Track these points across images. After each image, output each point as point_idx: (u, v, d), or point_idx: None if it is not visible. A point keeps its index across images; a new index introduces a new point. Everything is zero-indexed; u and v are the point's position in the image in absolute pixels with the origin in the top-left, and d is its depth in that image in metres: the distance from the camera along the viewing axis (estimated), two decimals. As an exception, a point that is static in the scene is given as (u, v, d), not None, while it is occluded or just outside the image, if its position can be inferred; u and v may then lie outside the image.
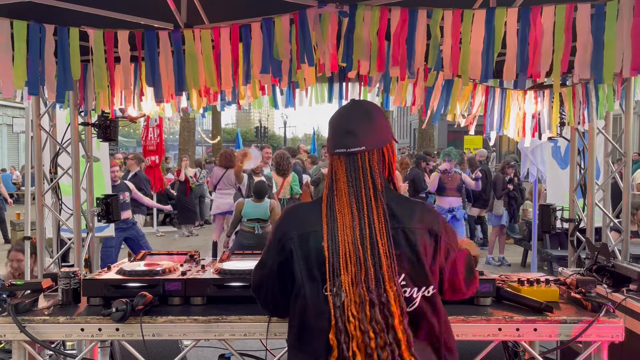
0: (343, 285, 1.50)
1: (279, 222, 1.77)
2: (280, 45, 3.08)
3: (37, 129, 3.94)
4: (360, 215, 1.57)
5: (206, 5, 3.41)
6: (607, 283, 3.11)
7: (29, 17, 3.11)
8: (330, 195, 1.66)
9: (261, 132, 42.27)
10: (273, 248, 1.74)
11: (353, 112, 1.73)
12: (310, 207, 1.74)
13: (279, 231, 1.74)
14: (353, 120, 1.70)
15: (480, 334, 2.45)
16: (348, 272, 1.51)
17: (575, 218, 4.35)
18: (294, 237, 1.66)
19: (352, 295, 1.49)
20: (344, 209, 1.60)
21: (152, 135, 10.69)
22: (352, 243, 1.54)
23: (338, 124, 1.73)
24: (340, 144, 1.69)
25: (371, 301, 1.47)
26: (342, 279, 1.51)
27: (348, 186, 1.63)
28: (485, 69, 2.92)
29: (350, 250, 1.53)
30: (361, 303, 1.48)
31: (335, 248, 1.55)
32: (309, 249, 1.62)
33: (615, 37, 2.74)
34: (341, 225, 1.57)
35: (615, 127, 4.61)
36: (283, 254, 1.69)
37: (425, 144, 16.98)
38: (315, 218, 1.64)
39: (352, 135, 1.67)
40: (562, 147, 6.02)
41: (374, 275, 1.50)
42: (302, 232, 1.66)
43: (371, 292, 1.49)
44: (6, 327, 2.44)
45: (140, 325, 2.40)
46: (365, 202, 1.59)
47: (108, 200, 4.32)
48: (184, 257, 3.15)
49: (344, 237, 1.56)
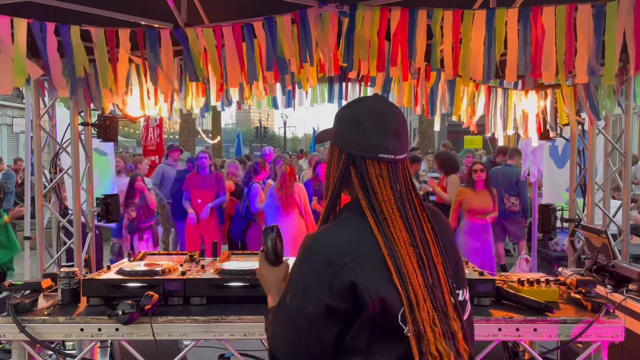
0: (420, 322, 1.24)
1: (309, 255, 1.31)
2: (284, 44, 3.09)
3: (37, 129, 3.95)
4: (413, 234, 1.32)
5: (206, 5, 3.41)
6: (610, 283, 3.11)
7: (29, 17, 3.12)
8: (379, 215, 1.31)
9: (261, 132, 42.29)
10: (315, 290, 1.26)
11: (392, 110, 1.41)
12: (344, 227, 1.34)
13: (317, 265, 1.28)
14: (397, 120, 1.39)
15: (480, 334, 2.45)
16: (420, 307, 1.25)
17: (575, 218, 4.35)
18: (348, 262, 1.25)
19: (430, 333, 1.24)
20: (401, 233, 1.30)
21: (152, 135, 10.70)
22: (417, 271, 1.28)
23: (381, 122, 1.36)
24: (387, 148, 1.34)
25: (446, 335, 1.26)
26: (418, 315, 1.24)
27: (397, 206, 1.32)
28: (488, 70, 2.92)
29: (416, 279, 1.26)
30: (439, 340, 1.25)
31: (402, 275, 1.26)
32: (373, 274, 1.25)
33: (616, 37, 2.75)
34: (403, 252, 1.28)
35: (615, 127, 4.62)
36: (334, 288, 1.24)
37: (426, 144, 16.96)
38: (360, 237, 1.29)
39: (399, 139, 1.36)
40: (559, 146, 6.00)
41: (440, 307, 1.28)
42: (356, 254, 1.26)
43: (443, 323, 1.27)
44: (6, 327, 2.44)
45: (150, 325, 2.40)
46: (414, 218, 1.34)
47: (108, 200, 4.32)
48: (184, 257, 3.14)
49: (408, 264, 1.27)
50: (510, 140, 9.57)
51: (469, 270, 2.73)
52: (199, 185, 6.70)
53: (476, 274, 2.66)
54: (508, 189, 7.19)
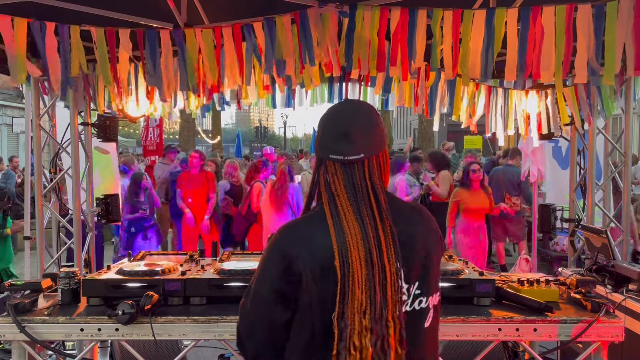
0: (350, 312, 1.33)
1: (274, 244, 1.46)
2: (283, 44, 3.09)
3: (37, 129, 3.95)
4: (366, 232, 1.38)
5: (206, 5, 3.41)
6: (610, 283, 3.11)
7: (29, 17, 3.12)
8: (333, 210, 1.41)
9: (261, 132, 42.28)
10: (271, 275, 1.44)
11: (350, 112, 1.51)
12: (308, 221, 1.48)
13: (276, 253, 1.44)
14: (351, 122, 1.47)
15: (480, 334, 2.45)
16: (354, 298, 1.34)
17: (575, 218, 4.35)
18: (301, 253, 1.39)
19: (357, 324, 1.33)
20: (353, 228, 1.38)
21: (152, 135, 10.70)
22: (363, 265, 1.35)
23: (332, 125, 1.49)
24: (335, 150, 1.45)
25: (373, 332, 1.33)
26: (349, 305, 1.34)
27: (350, 203, 1.41)
28: (485, 69, 2.93)
29: (361, 273, 1.35)
30: (364, 333, 1.33)
31: (347, 268, 1.35)
32: (323, 264, 1.37)
33: (616, 37, 2.75)
34: (351, 245, 1.36)
35: (615, 127, 4.62)
36: (287, 277, 1.40)
37: (426, 144, 16.96)
38: (319, 232, 1.40)
39: (349, 141, 1.44)
40: (562, 147, 6.01)
41: (379, 304, 1.35)
42: (309, 247, 1.39)
43: (375, 322, 1.33)
44: (6, 327, 2.44)
45: (150, 325, 2.40)
46: (370, 222, 1.39)
47: (108, 200, 4.32)
48: (184, 257, 3.14)
49: (355, 258, 1.36)
50: (510, 140, 9.57)
51: (469, 270, 2.73)
52: (189, 184, 6.78)
53: (476, 274, 2.66)
54: (509, 189, 7.20)
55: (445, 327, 2.43)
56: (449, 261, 2.95)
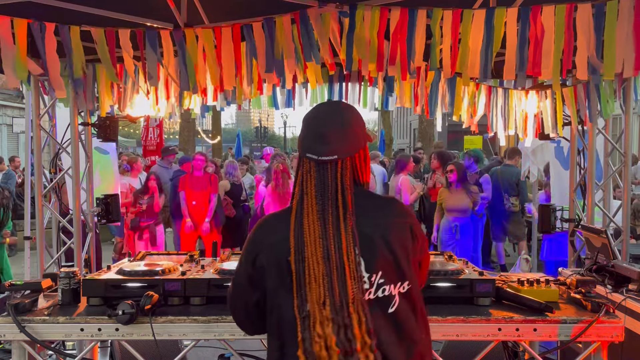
0: (310, 303, 1.42)
1: (251, 234, 1.62)
2: (282, 45, 3.09)
3: (37, 129, 3.95)
4: (326, 228, 1.48)
5: (206, 5, 3.41)
6: (610, 283, 3.11)
7: (29, 17, 3.12)
8: (299, 207, 1.53)
9: (261, 132, 42.27)
10: (245, 261, 1.61)
11: (329, 114, 1.59)
12: (281, 216, 1.59)
13: (250, 243, 1.61)
14: (327, 124, 1.56)
15: (480, 334, 2.45)
16: (312, 291, 1.43)
17: (575, 218, 4.34)
18: (265, 245, 1.55)
19: (317, 314, 1.40)
20: (313, 226, 1.48)
21: (152, 135, 10.69)
22: (320, 261, 1.44)
23: (311, 125, 1.58)
24: (311, 149, 1.54)
25: (334, 322, 1.39)
26: (309, 296, 1.42)
27: (317, 202, 1.51)
28: (484, 68, 2.93)
29: (317, 269, 1.44)
30: (326, 322, 1.39)
31: (301, 264, 1.45)
32: (280, 257, 1.49)
33: (616, 36, 2.75)
34: (308, 242, 1.46)
35: (615, 127, 4.62)
36: (255, 265, 1.56)
37: (426, 144, 16.96)
38: (285, 227, 1.52)
39: (324, 142, 1.53)
40: (564, 147, 6.00)
41: (339, 296, 1.42)
42: (272, 240, 1.54)
43: (336, 313, 1.40)
44: (6, 327, 2.44)
45: (150, 325, 2.40)
46: (332, 221, 1.48)
47: (108, 200, 4.32)
48: (184, 257, 3.15)
49: (310, 254, 1.45)
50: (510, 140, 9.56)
51: (468, 270, 2.73)
52: (193, 187, 6.74)
53: (476, 274, 2.66)
54: (508, 189, 7.20)
55: (445, 327, 2.43)
56: (449, 261, 2.95)
